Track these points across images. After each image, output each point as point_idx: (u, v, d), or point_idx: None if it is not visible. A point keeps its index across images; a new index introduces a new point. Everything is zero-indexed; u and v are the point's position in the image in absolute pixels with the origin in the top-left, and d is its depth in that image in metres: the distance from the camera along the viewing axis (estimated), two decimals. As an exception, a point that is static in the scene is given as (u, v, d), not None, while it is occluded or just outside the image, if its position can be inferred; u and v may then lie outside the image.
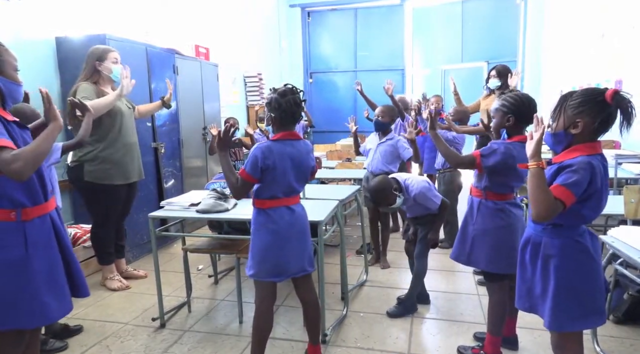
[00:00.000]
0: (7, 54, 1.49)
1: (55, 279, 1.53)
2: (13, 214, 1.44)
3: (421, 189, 2.51)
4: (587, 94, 1.44)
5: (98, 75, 2.93)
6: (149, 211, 2.63)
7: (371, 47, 8.43)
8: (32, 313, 1.47)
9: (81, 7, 3.61)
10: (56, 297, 1.53)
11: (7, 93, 1.47)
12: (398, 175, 2.67)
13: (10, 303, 1.44)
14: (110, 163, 2.94)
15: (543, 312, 1.53)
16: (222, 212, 2.40)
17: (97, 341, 2.39)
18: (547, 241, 1.51)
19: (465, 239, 2.05)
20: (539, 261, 1.53)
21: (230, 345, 2.33)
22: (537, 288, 1.55)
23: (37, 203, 1.50)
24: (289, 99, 1.83)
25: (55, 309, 1.53)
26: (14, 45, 3.05)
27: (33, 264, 1.46)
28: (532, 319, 1.96)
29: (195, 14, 5.33)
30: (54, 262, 1.54)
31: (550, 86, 6.67)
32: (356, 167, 4.30)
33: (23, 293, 1.45)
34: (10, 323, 1.45)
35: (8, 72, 1.48)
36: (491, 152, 1.90)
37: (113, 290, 3.07)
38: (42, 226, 1.51)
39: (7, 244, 1.44)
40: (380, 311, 2.69)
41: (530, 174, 1.40)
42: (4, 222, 1.44)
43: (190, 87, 4.48)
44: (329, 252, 3.66)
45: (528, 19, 7.21)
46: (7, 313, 1.44)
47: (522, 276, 1.62)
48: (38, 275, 1.47)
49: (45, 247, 1.51)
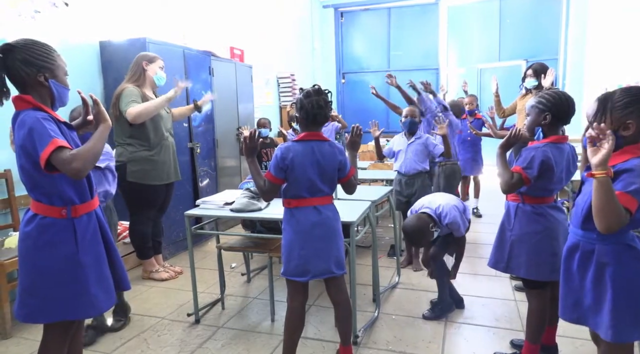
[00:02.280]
0: (60, 60, 1.56)
1: (101, 272, 1.60)
2: (64, 211, 1.51)
3: (454, 216, 2.41)
4: (632, 93, 1.37)
5: (144, 78, 3.05)
6: (185, 209, 2.70)
7: (405, 46, 8.33)
8: (83, 304, 1.54)
9: (123, 12, 3.76)
10: (103, 289, 1.60)
11: (58, 97, 1.54)
12: (428, 204, 2.51)
13: (64, 295, 1.51)
14: (150, 164, 3.06)
15: (596, 323, 1.46)
16: (255, 212, 2.43)
17: (135, 334, 2.48)
18: (600, 249, 1.43)
19: (503, 246, 1.98)
20: (591, 270, 1.45)
21: (262, 343, 2.36)
22: (587, 298, 1.47)
23: (84, 200, 1.57)
24: (312, 100, 1.84)
25: (103, 301, 1.60)
26: (62, 49, 3.22)
27: (82, 259, 1.53)
28: (574, 327, 1.87)
29: (231, 16, 5.44)
30: (100, 257, 1.61)
31: (594, 85, 6.36)
32: (388, 167, 4.26)
33: (75, 286, 1.52)
34: (63, 314, 1.53)
35: (60, 77, 1.55)
36: (531, 161, 1.82)
37: (163, 280, 3.22)
38: (89, 222, 1.58)
39: (60, 240, 1.51)
40: (412, 314, 2.65)
41: (598, 184, 1.29)
42: (56, 219, 1.51)
43: (225, 89, 4.57)
44: (360, 254, 3.64)
45: (571, 15, 6.91)
46: (60, 305, 1.51)
47: (568, 285, 1.54)
48: (87, 269, 1.54)
49: (92, 243, 1.58)
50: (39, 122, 1.42)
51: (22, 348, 2.33)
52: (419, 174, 3.35)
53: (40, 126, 1.42)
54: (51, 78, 1.51)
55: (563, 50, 7.13)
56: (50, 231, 1.50)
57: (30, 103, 1.47)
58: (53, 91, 1.52)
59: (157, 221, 3.34)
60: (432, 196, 2.63)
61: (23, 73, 1.46)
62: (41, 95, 1.50)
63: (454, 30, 8.10)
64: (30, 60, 1.46)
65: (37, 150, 1.40)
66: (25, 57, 1.46)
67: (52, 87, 1.51)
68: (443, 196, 2.60)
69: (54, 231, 1.50)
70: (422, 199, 2.62)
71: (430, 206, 2.49)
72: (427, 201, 2.55)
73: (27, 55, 1.46)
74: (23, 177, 1.51)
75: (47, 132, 1.41)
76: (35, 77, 1.48)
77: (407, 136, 3.40)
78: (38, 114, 1.45)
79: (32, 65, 1.47)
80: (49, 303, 1.51)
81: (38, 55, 1.48)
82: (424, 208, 2.51)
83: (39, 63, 1.48)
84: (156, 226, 3.33)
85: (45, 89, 1.51)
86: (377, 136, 3.45)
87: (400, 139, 3.46)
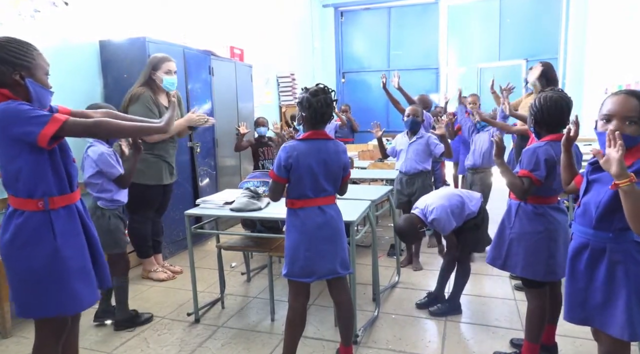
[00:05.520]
0: (40, 58, 1.52)
1: (84, 268, 1.59)
2: (40, 203, 1.50)
3: (438, 215, 2.40)
4: None
5: (154, 83, 3.05)
6: (185, 209, 2.70)
7: (405, 45, 8.33)
8: (67, 300, 1.53)
9: (123, 11, 3.76)
10: (86, 285, 1.59)
11: (35, 96, 1.49)
12: (419, 204, 2.56)
13: (46, 291, 1.50)
14: (145, 164, 3.04)
15: (604, 323, 1.45)
16: (255, 211, 2.43)
17: (135, 334, 2.48)
18: (613, 247, 1.43)
19: (501, 243, 1.99)
20: (602, 269, 1.45)
21: (262, 342, 2.36)
22: (595, 298, 1.47)
23: (63, 193, 1.55)
24: (320, 98, 1.84)
25: (87, 296, 1.59)
26: (62, 48, 3.24)
27: (63, 254, 1.52)
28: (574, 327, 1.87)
29: (231, 15, 5.43)
30: (81, 252, 1.59)
31: (595, 85, 6.37)
32: (388, 167, 4.26)
33: (57, 281, 1.51)
34: (47, 311, 1.53)
35: (39, 76, 1.51)
36: (536, 163, 1.83)
37: (161, 281, 3.21)
38: (68, 215, 1.56)
39: (39, 238, 1.50)
40: (412, 313, 2.65)
41: (626, 193, 1.26)
42: (33, 212, 1.50)
43: (225, 88, 4.56)
44: (360, 253, 3.64)
45: (571, 14, 6.91)
46: (44, 302, 1.51)
47: (574, 286, 1.53)
48: (69, 263, 1.53)
49: (72, 236, 1.56)
50: (21, 106, 1.42)
51: (22, 347, 2.33)
52: (420, 174, 3.36)
53: (26, 109, 1.42)
54: (28, 77, 1.47)
55: (563, 49, 7.13)
56: (27, 229, 1.49)
57: (6, 96, 1.45)
58: (30, 90, 1.47)
59: (157, 221, 3.34)
60: (428, 195, 2.65)
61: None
62: (19, 94, 1.47)
63: (454, 29, 8.10)
64: (6, 58, 1.44)
65: (32, 131, 1.41)
66: (1, 55, 1.43)
67: (28, 86, 1.47)
68: (437, 194, 2.59)
69: (32, 227, 1.49)
70: (421, 198, 2.64)
71: (419, 206, 2.53)
72: (422, 201, 2.58)
73: (3, 53, 1.43)
74: (5, 168, 1.50)
75: (38, 113, 1.43)
76: (11, 75, 1.44)
77: (409, 135, 3.40)
78: (14, 102, 1.44)
79: (8, 63, 1.44)
80: (38, 300, 1.51)
81: (14, 53, 1.45)
82: (415, 208, 2.56)
83: (15, 61, 1.45)
84: (155, 226, 3.33)
85: (22, 88, 1.47)
86: (380, 136, 3.45)
87: (403, 138, 3.46)
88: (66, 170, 1.57)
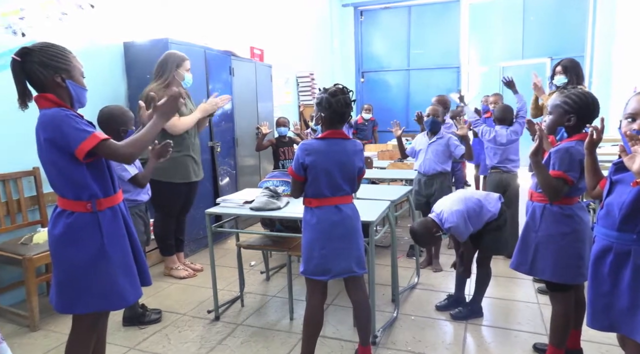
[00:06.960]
0: (76, 61, 1.60)
1: (128, 266, 1.65)
2: (89, 205, 1.57)
3: (454, 222, 2.33)
4: None
5: (173, 80, 3.10)
6: (205, 208, 2.74)
7: (425, 45, 8.24)
8: (112, 297, 1.60)
9: (146, 13, 3.83)
10: (130, 282, 1.65)
11: (76, 97, 1.58)
12: (436, 207, 2.49)
13: (95, 288, 1.57)
14: (172, 162, 3.09)
15: (632, 328, 1.40)
16: (274, 210, 2.44)
17: (157, 330, 2.52)
18: (637, 249, 1.38)
19: (527, 248, 1.93)
20: (627, 272, 1.40)
21: (281, 341, 2.37)
22: (622, 302, 1.42)
23: (108, 194, 1.62)
24: (339, 98, 1.84)
25: (132, 293, 1.66)
26: (88, 50, 3.33)
27: (110, 252, 1.59)
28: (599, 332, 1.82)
29: (251, 16, 5.48)
30: (125, 250, 1.66)
31: (623, 84, 6.17)
32: (408, 167, 4.22)
33: (104, 279, 1.58)
34: (96, 306, 1.59)
35: (77, 78, 1.59)
36: (570, 163, 1.77)
37: (182, 278, 3.26)
38: (113, 216, 1.63)
39: (87, 235, 1.56)
40: (431, 315, 2.62)
41: None
42: (81, 213, 1.56)
43: (245, 88, 4.61)
44: (379, 254, 3.62)
45: (598, 10, 6.71)
46: (93, 297, 1.57)
47: (598, 291, 1.49)
48: (115, 262, 1.60)
49: (118, 236, 1.63)
50: (68, 117, 1.49)
51: (50, 341, 2.40)
52: (439, 175, 3.31)
53: (72, 121, 1.48)
54: (68, 79, 1.55)
55: (590, 47, 6.93)
56: (77, 228, 1.55)
57: (53, 101, 1.52)
58: (71, 91, 1.56)
59: (181, 220, 3.39)
60: (445, 198, 2.56)
61: (40, 75, 1.50)
62: (60, 96, 1.54)
63: (475, 27, 7.97)
64: (47, 62, 1.50)
65: (72, 143, 1.47)
66: (41, 60, 1.50)
67: (69, 87, 1.55)
68: (453, 198, 2.49)
69: (80, 226, 1.56)
70: (438, 202, 2.57)
71: (435, 210, 2.48)
72: (438, 204, 2.51)
73: (43, 57, 1.50)
74: (51, 172, 1.56)
75: (81, 127, 1.49)
76: (53, 78, 1.52)
77: (429, 135, 3.36)
78: (63, 111, 1.50)
79: (49, 67, 1.51)
80: (83, 295, 1.56)
81: (53, 57, 1.52)
82: (432, 212, 2.51)
83: (55, 64, 1.52)
84: (179, 224, 3.38)
85: (63, 89, 1.55)
86: (399, 135, 3.42)
87: (422, 138, 3.42)
88: (109, 172, 1.64)
